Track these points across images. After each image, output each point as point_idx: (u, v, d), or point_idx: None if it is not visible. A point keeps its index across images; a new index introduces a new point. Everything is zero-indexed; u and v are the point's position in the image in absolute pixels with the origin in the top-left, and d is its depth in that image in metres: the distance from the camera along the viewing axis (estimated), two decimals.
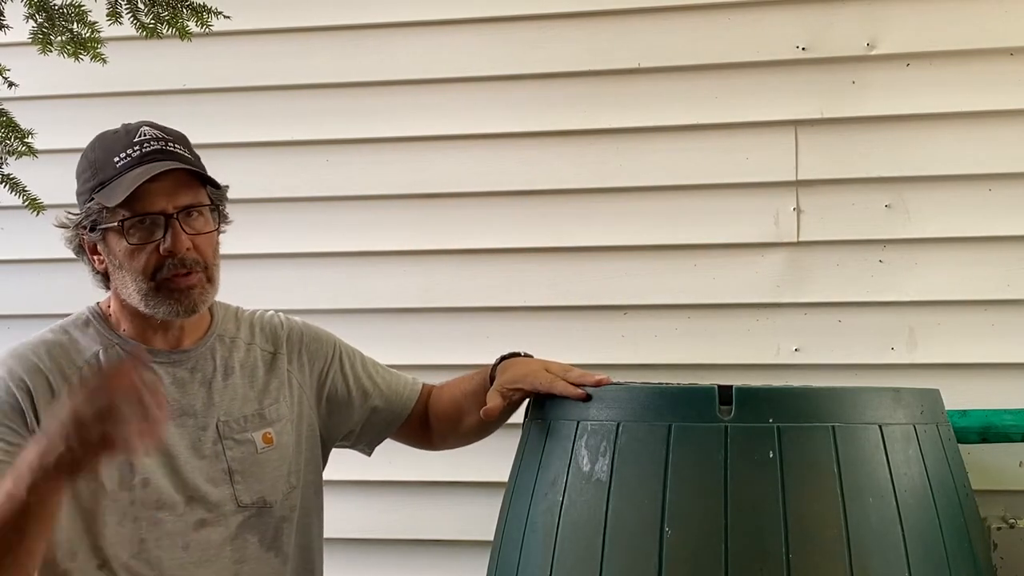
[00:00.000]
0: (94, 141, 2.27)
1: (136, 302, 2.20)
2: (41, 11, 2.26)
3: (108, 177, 2.19)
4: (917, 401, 2.07)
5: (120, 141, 2.22)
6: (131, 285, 2.20)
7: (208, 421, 2.28)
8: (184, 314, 2.22)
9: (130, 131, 2.24)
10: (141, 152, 2.19)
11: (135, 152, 2.19)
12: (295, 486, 2.35)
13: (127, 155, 2.19)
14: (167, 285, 2.18)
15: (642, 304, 3.11)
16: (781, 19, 3.06)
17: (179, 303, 2.20)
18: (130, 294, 2.21)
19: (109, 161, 2.20)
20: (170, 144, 2.23)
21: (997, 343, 2.94)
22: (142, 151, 2.20)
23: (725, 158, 3.07)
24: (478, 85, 3.20)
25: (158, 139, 2.22)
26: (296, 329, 2.44)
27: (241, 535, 2.28)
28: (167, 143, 2.23)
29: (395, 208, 3.24)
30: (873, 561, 1.92)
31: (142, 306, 2.20)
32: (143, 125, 2.25)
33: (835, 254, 3.03)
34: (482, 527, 2.47)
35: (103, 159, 2.21)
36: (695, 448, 1.96)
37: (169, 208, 2.18)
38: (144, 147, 2.20)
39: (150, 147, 2.20)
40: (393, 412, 2.47)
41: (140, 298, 2.19)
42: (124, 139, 2.22)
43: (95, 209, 2.20)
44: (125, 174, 2.17)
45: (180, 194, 2.19)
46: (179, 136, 2.28)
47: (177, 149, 2.23)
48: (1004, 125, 2.96)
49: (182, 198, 2.20)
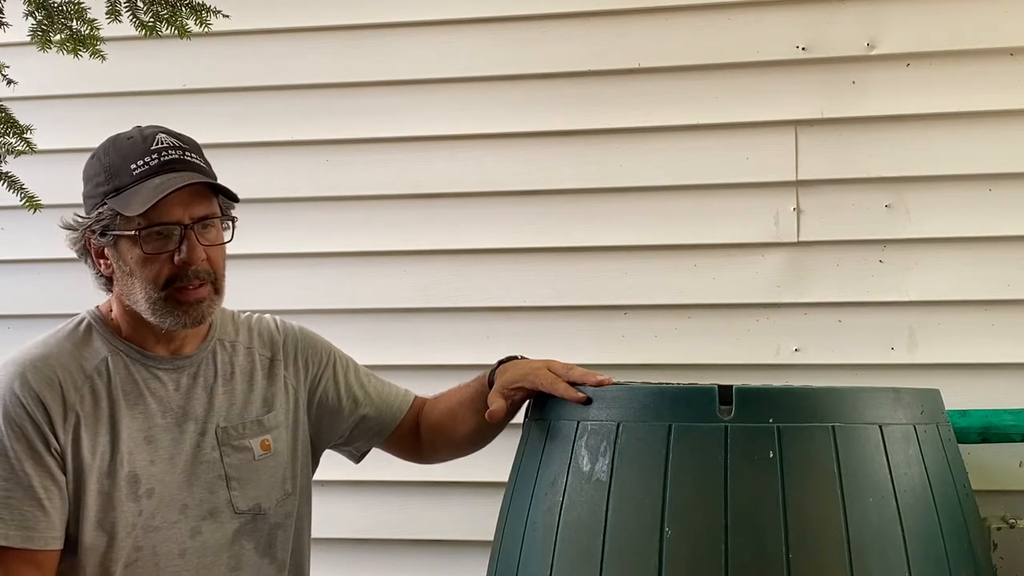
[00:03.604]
0: (107, 144, 2.24)
1: (143, 310, 2.19)
2: (41, 8, 2.26)
3: (124, 184, 2.17)
4: (917, 401, 2.07)
5: (137, 148, 2.19)
6: (140, 293, 2.18)
7: (208, 426, 2.27)
8: (191, 325, 2.21)
9: (147, 137, 2.20)
10: (159, 161, 2.17)
11: (153, 160, 2.17)
12: (290, 493, 2.34)
13: (145, 163, 2.17)
14: (176, 296, 2.17)
15: (642, 304, 3.11)
16: (781, 19, 3.06)
17: (187, 315, 2.19)
18: (137, 301, 2.19)
19: (125, 167, 2.18)
20: (187, 153, 2.21)
21: (997, 343, 2.94)
22: (160, 160, 2.17)
23: (725, 158, 3.07)
24: (478, 85, 3.20)
25: (175, 147, 2.20)
26: (292, 334, 2.43)
27: (237, 541, 2.27)
28: (184, 152, 2.20)
29: (395, 208, 3.24)
30: (873, 561, 1.92)
31: (148, 314, 2.19)
32: (159, 132, 2.22)
33: (835, 254, 3.03)
34: (482, 527, 2.47)
35: (118, 164, 2.18)
36: (695, 448, 1.96)
37: (185, 219, 2.17)
38: (162, 156, 2.18)
39: (168, 156, 2.18)
40: (383, 422, 2.47)
41: (148, 306, 2.18)
42: (141, 146, 2.19)
43: (108, 214, 2.17)
44: (143, 182, 2.15)
45: (196, 205, 2.18)
46: (193, 144, 2.25)
47: (193, 159, 2.21)
48: (1004, 125, 2.96)
49: (198, 209, 2.18)
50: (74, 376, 2.18)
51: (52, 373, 2.17)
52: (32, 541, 2.12)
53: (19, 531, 2.11)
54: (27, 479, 2.12)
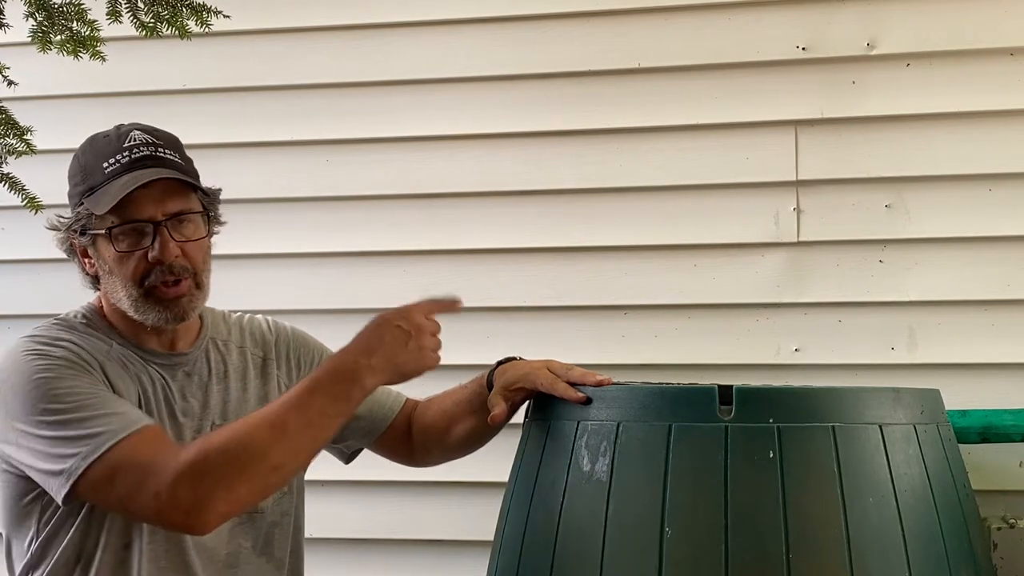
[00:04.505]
0: (85, 144, 2.24)
1: (126, 307, 2.19)
2: (41, 9, 2.26)
3: (97, 183, 2.16)
4: (917, 401, 2.07)
5: (110, 146, 2.19)
6: (121, 291, 2.18)
7: (203, 424, 2.27)
8: (173, 322, 2.20)
9: (121, 135, 2.20)
10: (130, 158, 2.16)
11: (124, 158, 2.16)
12: (286, 491, 2.34)
13: (116, 161, 2.16)
14: (155, 293, 2.17)
15: (642, 304, 3.11)
16: (781, 19, 3.06)
17: (168, 311, 2.18)
18: (120, 299, 2.19)
19: (98, 166, 2.17)
20: (160, 149, 2.19)
21: (997, 343, 2.94)
22: (131, 157, 2.16)
23: (725, 158, 3.07)
24: (477, 85, 3.20)
25: (148, 144, 2.19)
26: (284, 334, 2.43)
27: (234, 540, 2.27)
28: (157, 148, 2.19)
29: (395, 208, 3.24)
30: (873, 561, 1.92)
31: (132, 312, 2.18)
32: (134, 129, 2.21)
33: (835, 254, 3.03)
34: (482, 527, 2.47)
35: (92, 164, 2.18)
36: (695, 448, 1.96)
37: (158, 215, 2.15)
38: (133, 152, 2.17)
39: (139, 153, 2.17)
40: (373, 421, 2.47)
41: (130, 304, 2.18)
42: (115, 144, 2.19)
43: (84, 214, 2.17)
44: (113, 181, 2.14)
45: (169, 201, 2.17)
46: (170, 140, 2.24)
47: (167, 154, 2.20)
48: (1004, 125, 2.96)
49: (171, 205, 2.17)
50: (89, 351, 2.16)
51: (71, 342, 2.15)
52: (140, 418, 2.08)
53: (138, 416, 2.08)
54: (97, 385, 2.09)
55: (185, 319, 2.22)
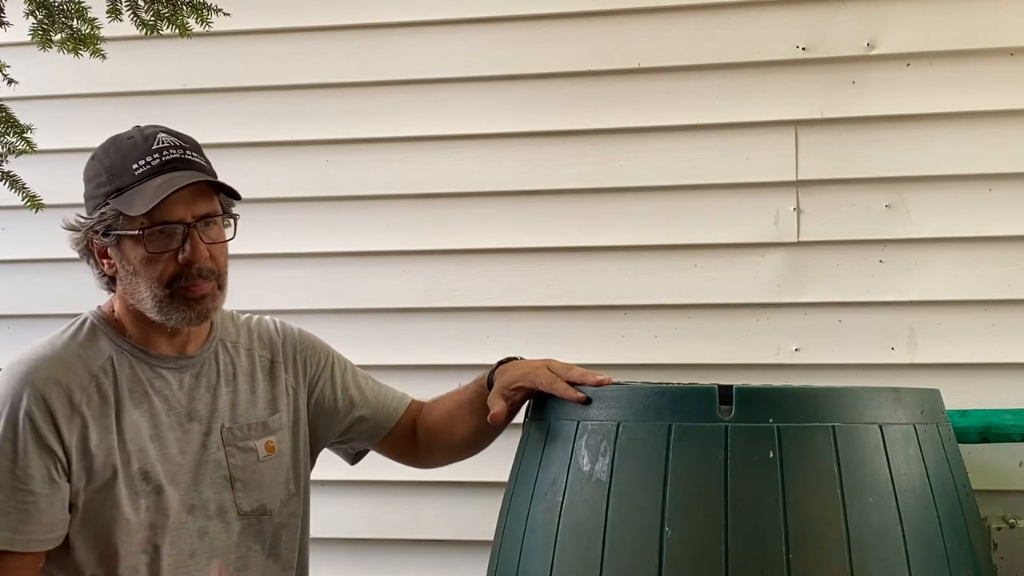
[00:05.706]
0: (107, 145, 2.24)
1: (148, 308, 2.20)
2: (41, 8, 2.26)
3: (126, 184, 2.17)
4: (917, 401, 2.07)
5: (137, 148, 2.20)
6: (145, 292, 2.19)
7: (212, 426, 2.28)
8: (196, 322, 2.22)
9: (147, 137, 2.21)
10: (161, 160, 2.18)
11: (155, 160, 2.18)
12: (293, 493, 2.35)
13: (147, 163, 2.18)
14: (182, 294, 2.18)
15: (642, 304, 3.11)
16: (781, 19, 3.06)
17: (192, 311, 2.19)
18: (142, 300, 2.20)
19: (127, 168, 2.18)
20: (188, 152, 2.22)
21: (997, 343, 2.94)
22: (162, 159, 2.18)
23: (725, 158, 3.07)
24: (478, 85, 3.20)
25: (176, 147, 2.21)
26: (291, 336, 2.44)
27: (244, 543, 2.28)
28: (185, 151, 2.21)
29: (395, 208, 3.24)
30: (873, 561, 1.92)
31: (154, 313, 2.19)
32: (159, 131, 2.23)
33: (835, 254, 3.03)
34: (482, 527, 2.47)
35: (120, 165, 2.19)
36: (695, 448, 1.96)
37: (188, 217, 2.18)
38: (164, 155, 2.19)
39: (169, 155, 2.19)
40: (378, 423, 2.47)
41: (153, 305, 2.19)
42: (142, 145, 2.20)
43: (111, 215, 2.18)
44: (145, 182, 2.16)
45: (198, 203, 2.19)
46: (193, 143, 2.26)
47: (194, 157, 2.22)
48: (1004, 125, 2.96)
49: (200, 207, 2.19)
50: (80, 376, 2.18)
51: (58, 374, 2.17)
52: (26, 544, 2.12)
53: (12, 533, 2.10)
54: (28, 481, 2.12)
55: (207, 319, 2.24)
